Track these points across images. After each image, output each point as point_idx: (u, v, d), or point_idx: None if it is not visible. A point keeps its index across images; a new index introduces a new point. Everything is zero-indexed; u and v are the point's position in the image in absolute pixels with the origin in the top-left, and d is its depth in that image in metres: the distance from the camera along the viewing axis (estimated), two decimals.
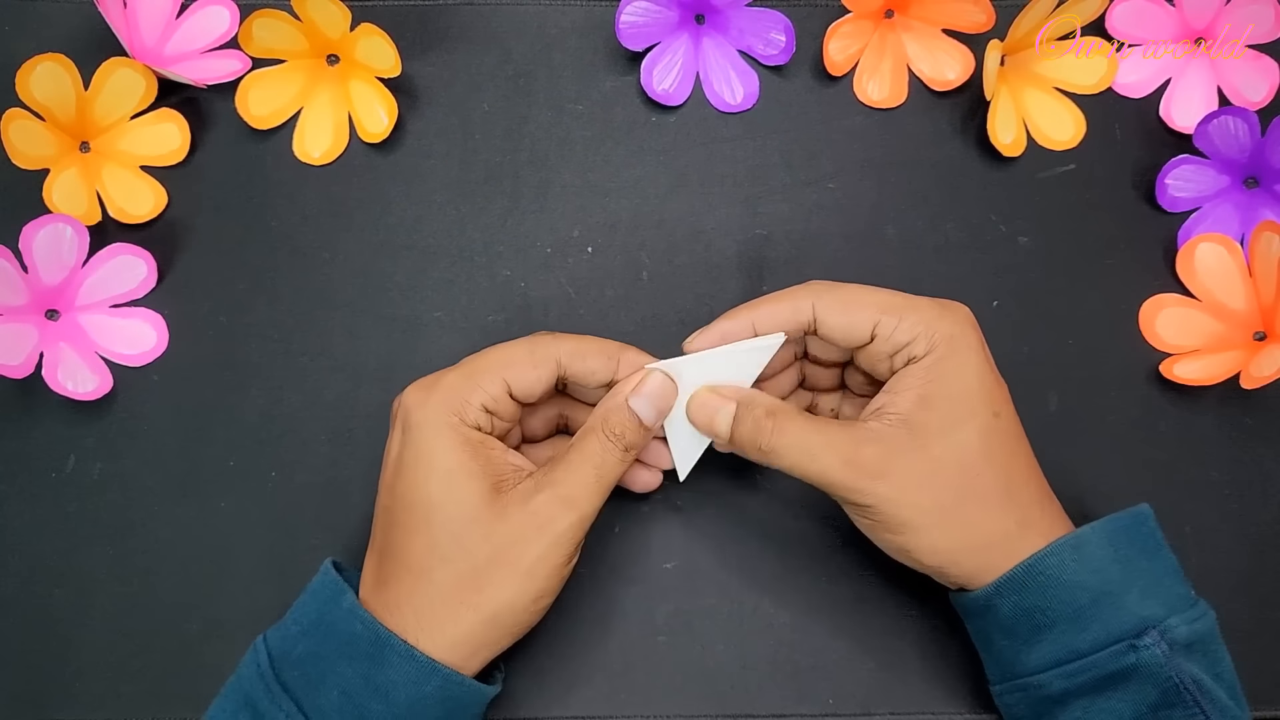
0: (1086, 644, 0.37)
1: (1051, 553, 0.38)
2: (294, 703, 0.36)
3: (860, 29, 0.52)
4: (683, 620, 0.45)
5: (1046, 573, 0.38)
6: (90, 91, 0.49)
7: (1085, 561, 0.38)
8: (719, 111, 0.52)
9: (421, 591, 0.38)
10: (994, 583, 0.38)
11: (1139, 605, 0.37)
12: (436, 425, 0.38)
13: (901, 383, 0.39)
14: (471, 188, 0.51)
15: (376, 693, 0.36)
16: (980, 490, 0.38)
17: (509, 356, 0.40)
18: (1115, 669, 0.37)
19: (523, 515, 0.38)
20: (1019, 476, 0.39)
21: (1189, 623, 0.37)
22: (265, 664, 0.37)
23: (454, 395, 0.39)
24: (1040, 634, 0.38)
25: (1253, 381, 0.45)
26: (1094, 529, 0.38)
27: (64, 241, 0.46)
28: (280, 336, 0.49)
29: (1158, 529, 0.40)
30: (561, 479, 0.39)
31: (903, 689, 0.45)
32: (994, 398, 0.39)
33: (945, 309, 0.40)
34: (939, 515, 0.38)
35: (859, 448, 0.38)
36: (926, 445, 0.38)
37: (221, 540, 0.46)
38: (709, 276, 0.50)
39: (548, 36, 0.53)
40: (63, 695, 0.44)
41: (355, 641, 0.37)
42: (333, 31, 0.50)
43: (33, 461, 0.47)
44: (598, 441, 0.39)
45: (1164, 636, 0.36)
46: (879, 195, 0.51)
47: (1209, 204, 0.51)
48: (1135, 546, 0.39)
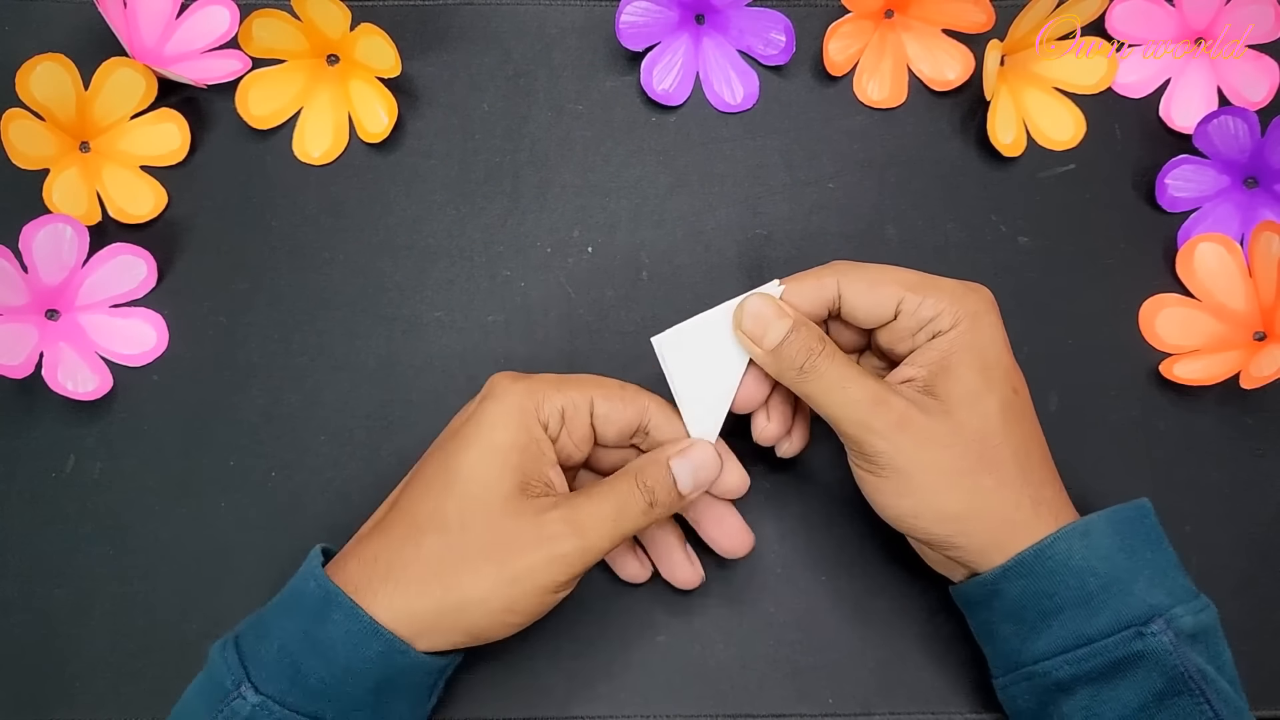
0: (1095, 629, 0.37)
1: (1061, 538, 0.38)
2: (240, 660, 0.37)
3: (860, 29, 0.52)
4: (683, 620, 0.45)
5: (1056, 557, 0.38)
6: (90, 91, 0.49)
7: (1094, 548, 0.38)
8: (719, 111, 0.52)
9: (407, 549, 0.38)
10: (1003, 565, 0.38)
11: (1146, 593, 0.37)
12: (509, 406, 0.39)
13: (924, 355, 0.40)
14: (471, 188, 0.51)
15: (315, 649, 0.36)
16: (998, 461, 0.39)
17: (603, 380, 0.41)
18: (1123, 655, 0.37)
19: (531, 523, 0.38)
20: (1035, 456, 0.40)
21: (1194, 613, 0.37)
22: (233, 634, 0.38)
23: (540, 389, 0.40)
24: (1048, 619, 0.38)
25: (1253, 381, 0.45)
26: (1100, 517, 0.39)
27: (64, 241, 0.46)
28: (280, 336, 0.49)
29: (1158, 523, 0.40)
30: (580, 505, 0.38)
31: (903, 689, 0.45)
32: (1013, 376, 0.40)
33: (968, 288, 0.41)
34: (955, 478, 0.38)
35: (890, 395, 0.39)
36: (949, 410, 0.39)
37: (221, 540, 0.46)
38: (709, 276, 0.50)
39: (548, 36, 0.53)
40: (63, 695, 0.44)
41: (303, 597, 0.37)
42: (333, 31, 0.50)
43: (33, 461, 0.47)
44: (627, 486, 0.39)
45: (1170, 625, 0.37)
46: (879, 195, 0.51)
47: (1209, 204, 0.51)
48: (1139, 537, 0.39)
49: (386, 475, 0.47)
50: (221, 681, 0.37)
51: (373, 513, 0.42)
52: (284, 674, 0.36)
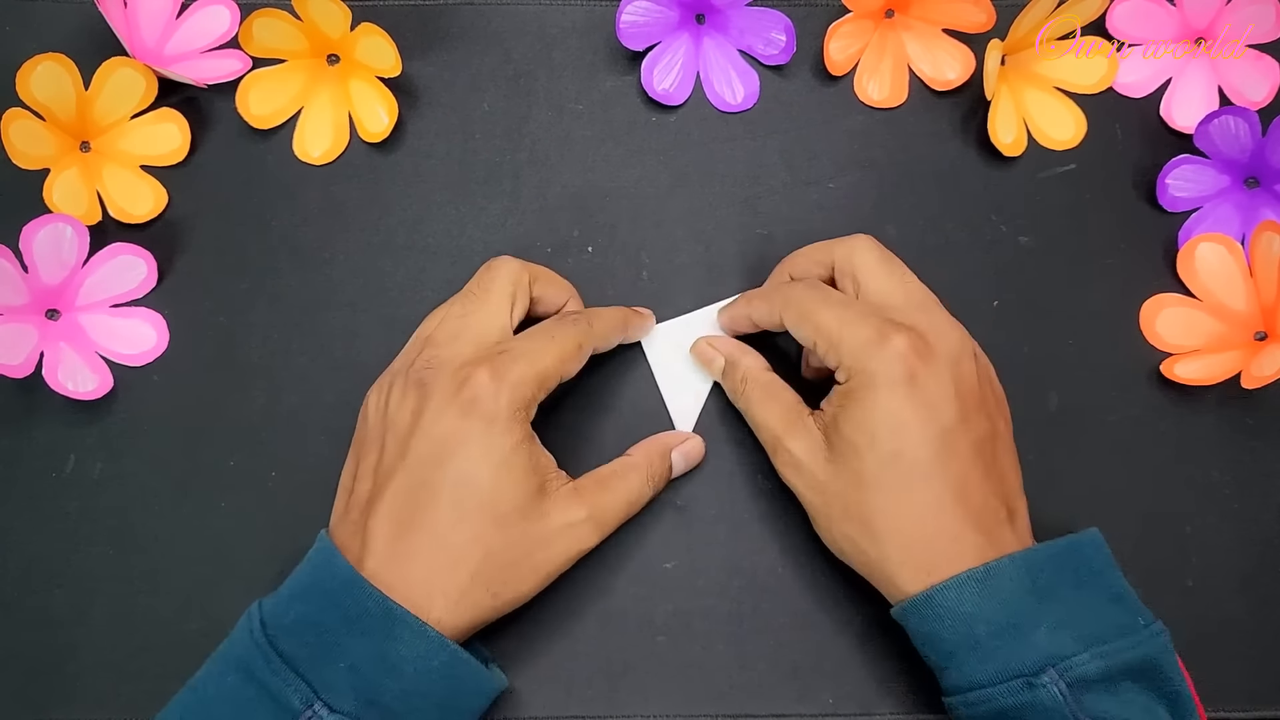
0: (985, 676, 0.37)
1: (951, 585, 0.37)
2: (301, 678, 0.36)
3: (860, 29, 0.52)
4: (683, 620, 0.45)
5: (945, 604, 0.38)
6: (90, 91, 0.49)
7: (992, 594, 0.37)
8: (719, 111, 0.52)
9: (449, 570, 0.38)
10: (898, 605, 0.40)
11: (1047, 640, 0.36)
12: (506, 418, 0.39)
13: (830, 398, 0.42)
14: (471, 188, 0.51)
15: (389, 668, 0.37)
16: (860, 516, 0.40)
17: (565, 351, 0.42)
18: (1011, 704, 0.36)
19: (561, 526, 0.41)
20: (909, 517, 0.39)
21: (1107, 656, 0.36)
22: (258, 629, 0.37)
23: (524, 390, 0.40)
24: (945, 660, 0.38)
25: (1253, 381, 0.45)
26: (1013, 559, 0.38)
27: (64, 241, 0.46)
28: (280, 336, 0.49)
29: (1101, 554, 0.39)
30: (604, 505, 0.42)
31: (903, 689, 0.45)
32: (903, 437, 0.39)
33: (879, 344, 0.39)
34: (826, 522, 0.42)
35: (786, 437, 0.42)
36: (832, 459, 0.41)
37: (221, 540, 0.46)
38: (709, 276, 0.50)
39: (548, 36, 0.53)
40: (63, 695, 0.44)
41: (364, 616, 0.37)
42: (333, 31, 0.50)
43: (33, 461, 0.47)
44: (639, 480, 0.44)
45: (1064, 675, 0.36)
46: (879, 195, 0.51)
47: (1209, 204, 0.51)
48: (1063, 575, 0.38)
49: None
50: (287, 702, 0.36)
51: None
52: (358, 693, 0.36)
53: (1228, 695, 0.44)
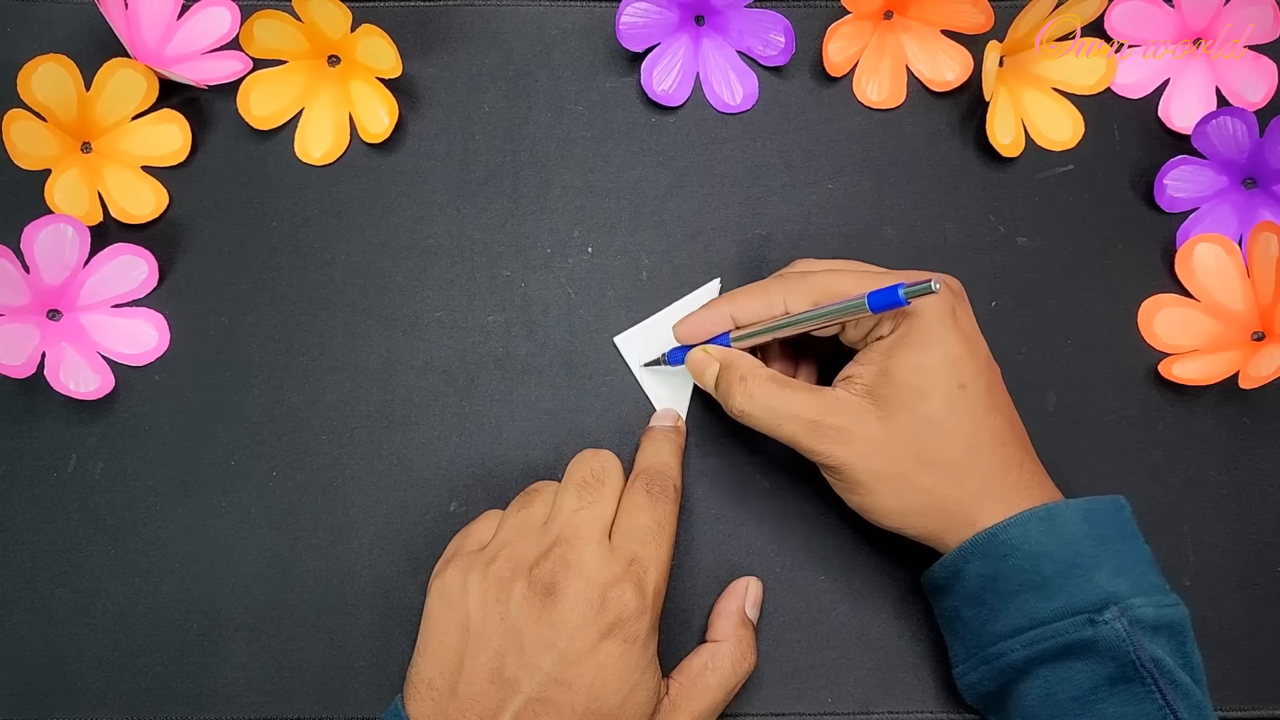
0: (1048, 613, 0.38)
1: (1017, 523, 0.39)
2: None
3: (859, 30, 0.52)
4: (682, 620, 0.45)
5: (1011, 541, 0.39)
6: (92, 92, 0.49)
7: (1055, 533, 0.38)
8: (719, 112, 0.53)
9: None
10: (958, 548, 0.40)
11: (1107, 581, 0.38)
12: (646, 637, 0.39)
13: (868, 356, 0.41)
14: (471, 188, 0.51)
15: None
16: (937, 460, 0.40)
17: (674, 532, 0.41)
18: (1075, 640, 0.37)
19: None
20: (984, 447, 0.40)
21: (1157, 606, 0.38)
22: None
23: (660, 600, 0.40)
24: (1005, 601, 0.39)
25: (1251, 381, 0.45)
26: (1070, 504, 0.39)
27: (65, 242, 0.47)
28: (281, 336, 0.49)
29: (1134, 520, 0.40)
30: (702, 713, 0.41)
31: (903, 689, 0.45)
32: (962, 370, 0.40)
33: None
34: (894, 481, 0.40)
35: (824, 414, 0.41)
36: (886, 416, 0.40)
37: (222, 540, 0.46)
38: (709, 276, 0.50)
39: (548, 37, 0.53)
40: (63, 695, 0.45)
41: None
42: (334, 32, 0.50)
43: (34, 461, 0.47)
44: (728, 664, 0.42)
45: (1125, 614, 0.37)
46: (879, 195, 0.51)
47: (1207, 204, 0.51)
48: (1112, 529, 0.39)
49: (386, 475, 0.47)
50: None
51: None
52: None
53: (1226, 694, 0.44)
